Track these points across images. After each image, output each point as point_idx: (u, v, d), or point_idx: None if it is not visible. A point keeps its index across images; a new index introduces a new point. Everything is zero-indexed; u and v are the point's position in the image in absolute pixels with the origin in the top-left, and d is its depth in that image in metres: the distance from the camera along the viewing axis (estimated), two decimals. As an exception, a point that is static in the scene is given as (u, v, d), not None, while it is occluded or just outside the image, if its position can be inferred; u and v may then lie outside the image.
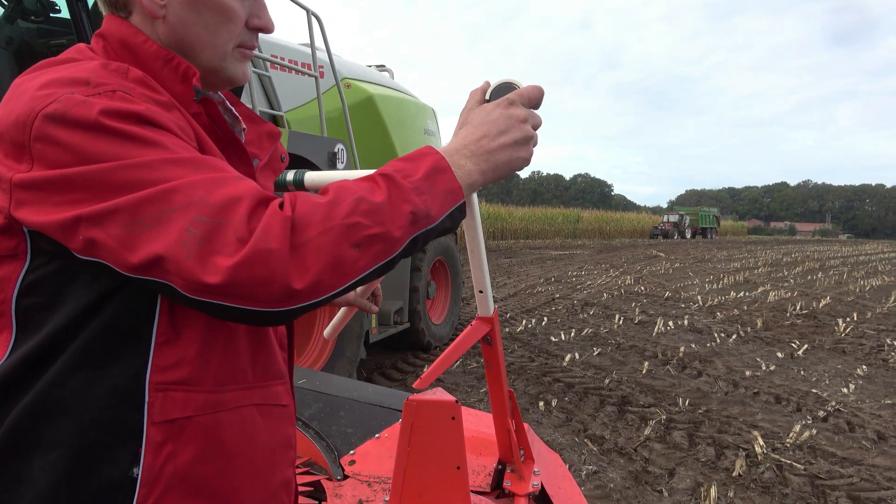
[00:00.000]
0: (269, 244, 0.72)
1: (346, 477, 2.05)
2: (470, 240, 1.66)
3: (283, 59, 4.74)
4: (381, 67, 7.18)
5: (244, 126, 1.06)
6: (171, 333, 0.83)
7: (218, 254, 0.71)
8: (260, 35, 3.06)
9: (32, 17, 3.96)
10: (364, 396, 2.38)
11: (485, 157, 0.89)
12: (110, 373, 0.82)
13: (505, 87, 0.97)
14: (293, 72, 4.75)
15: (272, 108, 4.67)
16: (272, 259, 0.72)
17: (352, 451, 2.17)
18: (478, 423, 2.27)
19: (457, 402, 1.70)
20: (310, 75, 4.65)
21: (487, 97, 0.98)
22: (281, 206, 0.76)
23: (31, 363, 0.81)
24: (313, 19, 4.54)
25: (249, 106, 3.98)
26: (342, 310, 1.71)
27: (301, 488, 2.01)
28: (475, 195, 1.60)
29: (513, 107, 0.93)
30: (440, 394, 1.79)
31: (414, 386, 1.85)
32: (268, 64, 4.54)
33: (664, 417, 4.61)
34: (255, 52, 4.33)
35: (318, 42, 4.81)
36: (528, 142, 0.93)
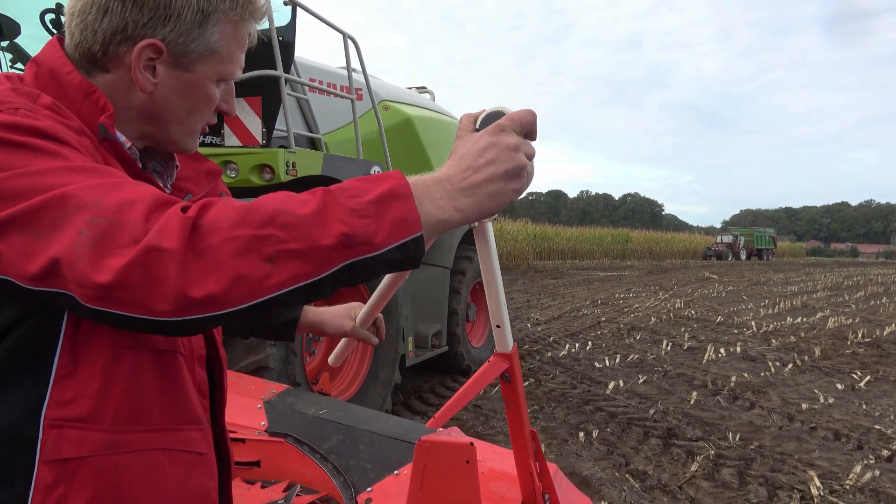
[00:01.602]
0: (162, 243, 0.66)
1: (360, 517, 1.96)
2: (485, 271, 1.55)
3: (321, 82, 4.76)
4: (421, 89, 7.18)
5: (177, 164, 1.07)
6: (72, 366, 0.80)
7: (110, 254, 0.67)
8: (298, 59, 3.03)
9: None
10: (385, 429, 2.28)
11: (468, 192, 0.79)
12: (5, 406, 0.78)
13: (496, 116, 0.88)
14: (330, 95, 4.76)
15: (310, 131, 4.69)
16: (165, 259, 0.66)
17: (369, 489, 2.08)
18: (502, 462, 2.15)
19: (472, 444, 1.60)
20: (346, 98, 4.65)
21: (477, 126, 0.89)
22: (185, 210, 0.70)
23: None
24: (349, 42, 4.55)
25: (283, 129, 4.01)
26: (343, 339, 1.64)
27: (315, 528, 1.93)
28: (489, 222, 1.51)
29: (503, 134, 0.82)
30: (455, 434, 1.69)
31: (427, 426, 1.75)
32: (306, 88, 4.56)
33: (713, 453, 4.36)
34: (293, 76, 4.37)
35: (355, 65, 4.81)
36: (520, 173, 0.82)
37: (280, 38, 3.78)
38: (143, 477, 0.84)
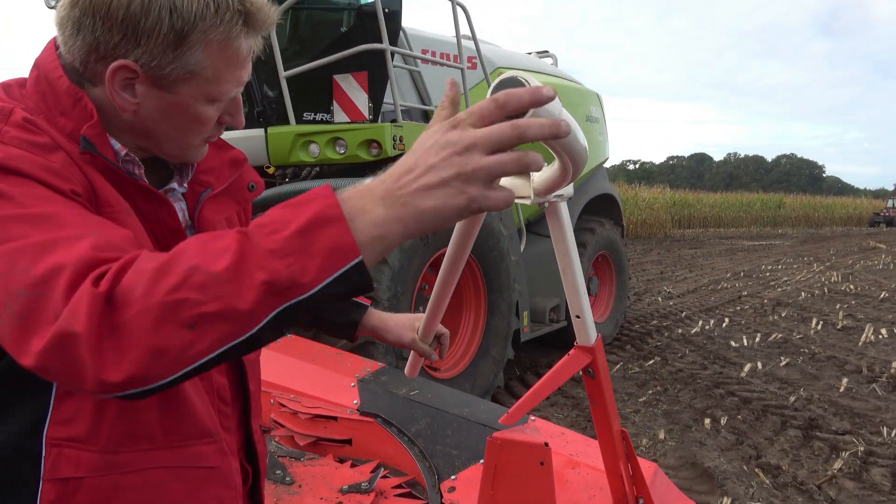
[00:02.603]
0: (73, 326, 0.61)
1: (442, 506, 1.91)
2: (560, 256, 1.40)
3: (433, 53, 4.68)
4: (542, 54, 6.91)
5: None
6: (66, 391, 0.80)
7: (33, 333, 0.63)
8: (410, 30, 2.92)
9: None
10: (475, 415, 2.21)
11: (403, 201, 0.65)
12: (9, 425, 0.81)
13: (507, 84, 0.74)
14: (439, 65, 4.67)
15: (423, 104, 4.64)
16: (77, 344, 0.61)
17: (453, 476, 2.02)
18: (596, 458, 1.99)
19: (546, 445, 1.47)
20: (456, 67, 4.54)
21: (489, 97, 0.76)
22: (101, 278, 0.63)
23: None
24: (458, 10, 4.41)
25: (390, 102, 3.98)
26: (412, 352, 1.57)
27: (396, 513, 1.90)
28: (564, 204, 1.36)
29: (454, 130, 0.66)
30: (530, 432, 1.57)
31: (500, 422, 1.65)
32: (417, 59, 4.50)
33: (862, 449, 3.88)
34: (402, 48, 4.33)
35: (467, 32, 4.68)
36: (467, 182, 0.65)
37: (385, 10, 3.73)
38: (144, 496, 0.84)
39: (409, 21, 4.35)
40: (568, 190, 1.29)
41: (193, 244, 0.66)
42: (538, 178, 1.22)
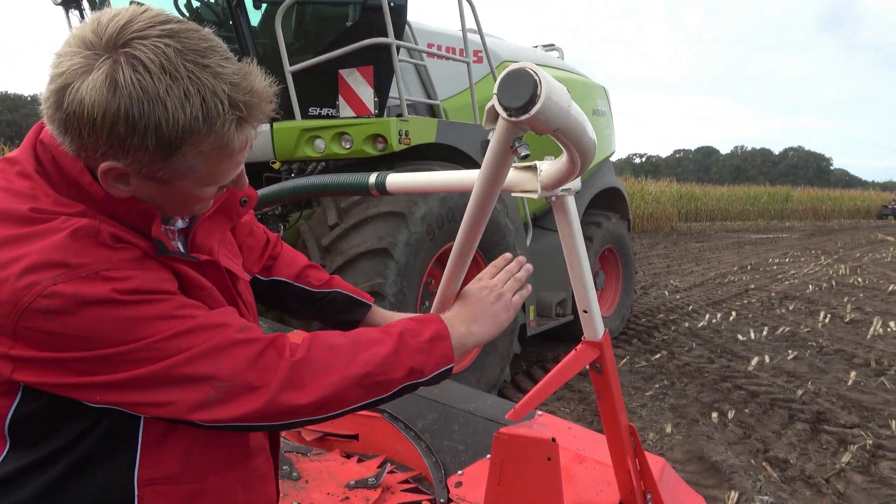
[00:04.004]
0: (276, 393, 0.91)
1: (449, 500, 1.90)
2: (568, 252, 1.40)
3: (438, 47, 4.66)
4: (549, 47, 6.88)
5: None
6: (158, 436, 0.94)
7: (236, 406, 0.89)
8: (416, 24, 3.51)
9: (212, 27, 4.25)
10: (481, 410, 2.21)
11: (476, 323, 1.19)
12: (103, 473, 0.92)
13: (515, 75, 0.74)
14: (445, 59, 4.65)
15: (429, 98, 4.63)
16: (276, 402, 0.91)
17: (460, 472, 2.02)
18: (603, 453, 1.99)
19: (553, 440, 1.47)
20: (462, 61, 4.52)
21: (497, 90, 0.76)
22: (292, 350, 0.95)
23: (26, 471, 0.91)
24: (464, 3, 4.39)
25: (395, 96, 3.97)
26: None
27: (403, 508, 1.90)
28: (571, 198, 1.35)
29: (493, 291, 1.28)
30: (537, 427, 1.56)
31: (507, 417, 1.64)
32: (423, 53, 4.48)
33: (870, 442, 3.87)
34: (407, 42, 4.31)
35: (473, 26, 4.66)
36: (506, 308, 1.27)
37: (391, 4, 3.72)
38: None
39: (414, 15, 4.34)
40: (575, 184, 1.28)
41: (362, 335, 1.02)
42: (545, 171, 1.21)
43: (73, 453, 0.91)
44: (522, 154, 0.88)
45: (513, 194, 1.28)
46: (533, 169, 1.24)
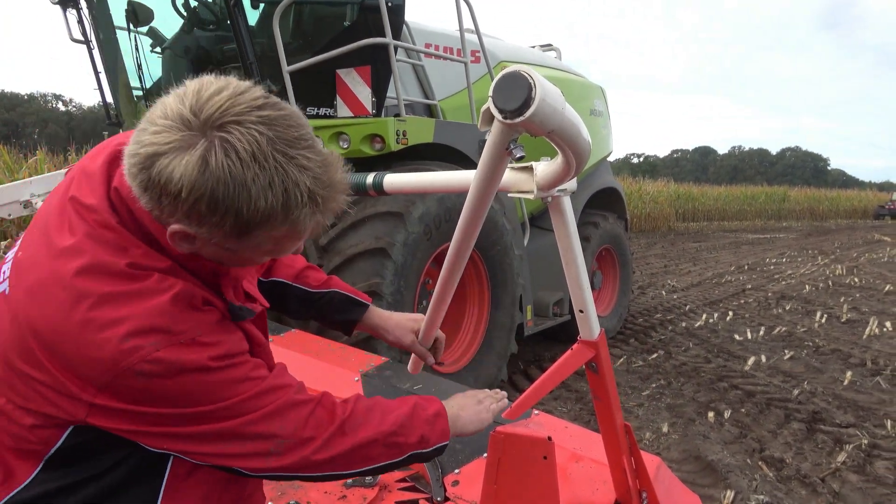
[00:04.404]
0: (320, 449, 1.06)
1: (446, 499, 1.91)
2: (564, 252, 1.41)
3: (436, 47, 4.67)
4: (546, 47, 6.89)
5: None
6: (184, 472, 1.01)
7: (285, 458, 1.02)
8: (414, 24, 3.69)
9: (210, 27, 4.26)
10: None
11: (465, 412, 1.39)
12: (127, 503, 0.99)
13: (510, 77, 0.76)
14: (443, 59, 4.65)
15: (426, 98, 4.63)
16: (316, 454, 1.06)
17: (457, 470, 2.03)
18: (599, 452, 2.00)
19: (549, 439, 1.48)
20: (459, 61, 4.53)
21: (492, 92, 0.77)
22: (334, 406, 1.11)
23: (50, 496, 0.95)
24: (462, 3, 4.40)
25: (393, 96, 3.97)
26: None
27: (400, 507, 1.91)
28: (567, 199, 1.36)
29: (475, 397, 1.48)
30: (534, 426, 1.57)
31: (503, 416, 1.65)
32: (420, 53, 4.49)
33: (866, 442, 3.89)
34: (405, 42, 4.31)
35: (470, 26, 4.66)
36: (486, 411, 1.45)
37: (389, 4, 3.72)
38: None
39: (412, 15, 4.34)
40: (571, 184, 1.29)
41: (388, 401, 1.21)
42: (541, 172, 1.22)
43: (101, 482, 0.95)
44: (518, 156, 0.89)
45: (509, 195, 1.29)
46: (529, 170, 1.25)
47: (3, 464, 0.96)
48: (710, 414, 4.35)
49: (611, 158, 7.27)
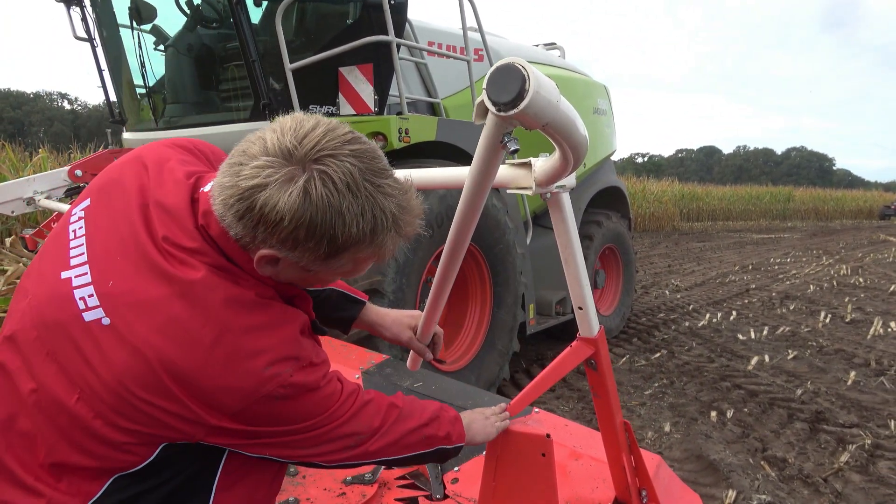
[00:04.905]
0: (383, 438, 1.21)
1: (445, 496, 1.91)
2: (563, 249, 1.40)
3: (439, 45, 4.66)
4: (550, 46, 6.88)
5: None
6: (230, 484, 1.08)
7: (362, 450, 1.18)
8: (417, 22, 3.73)
9: (213, 25, 4.27)
10: (478, 406, 2.20)
11: (474, 425, 1.44)
12: None
13: (504, 68, 0.75)
14: (446, 57, 4.65)
15: (429, 96, 4.63)
16: (385, 443, 1.21)
17: (456, 468, 2.03)
18: (599, 450, 1.99)
19: (548, 436, 1.47)
20: (462, 59, 4.52)
21: (486, 85, 0.77)
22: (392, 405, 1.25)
23: (124, 502, 1.02)
24: (465, 1, 4.39)
25: (396, 94, 3.97)
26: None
27: (399, 504, 1.91)
28: (566, 195, 1.35)
29: (483, 414, 1.52)
30: (533, 423, 1.57)
31: (502, 412, 1.64)
32: (423, 52, 4.49)
33: (869, 442, 3.87)
34: (408, 40, 4.31)
35: (474, 24, 4.66)
36: (492, 426, 1.49)
37: (391, 2, 3.72)
38: None
39: (415, 13, 4.34)
40: (570, 180, 1.29)
41: (420, 401, 1.32)
42: (539, 168, 1.22)
43: (164, 489, 1.02)
44: (512, 149, 0.89)
45: (508, 191, 1.29)
46: (527, 166, 1.25)
47: (74, 481, 1.00)
48: (713, 413, 4.33)
49: (615, 158, 7.26)
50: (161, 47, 4.45)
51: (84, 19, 4.41)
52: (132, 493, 1.00)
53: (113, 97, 4.79)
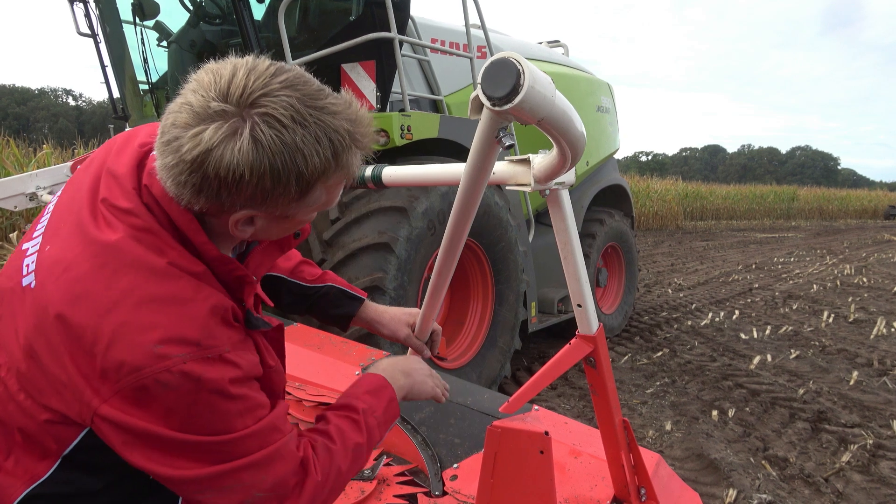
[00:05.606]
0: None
1: (444, 493, 1.91)
2: (562, 246, 1.40)
3: (442, 42, 4.66)
4: (553, 43, 6.86)
5: None
6: None
7: None
8: (420, 19, 3.73)
9: (216, 21, 4.26)
10: (478, 403, 2.21)
11: (410, 379, 1.35)
12: None
13: (499, 65, 0.75)
14: (449, 54, 4.64)
15: (432, 93, 4.62)
16: None
17: (456, 465, 2.02)
18: (598, 448, 1.99)
19: (546, 433, 1.47)
20: (465, 56, 4.51)
21: (480, 79, 0.76)
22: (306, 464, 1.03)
23: (71, 497, 0.95)
24: (468, -1, 4.38)
25: (398, 91, 3.97)
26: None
27: (398, 501, 1.91)
28: (566, 192, 1.35)
29: (428, 372, 1.45)
30: (531, 421, 1.57)
31: (500, 410, 1.65)
32: (426, 49, 4.48)
33: (870, 442, 3.86)
34: (410, 37, 4.30)
35: (477, 21, 4.65)
36: (430, 387, 1.45)
37: (394, -1, 3.71)
38: None
39: (417, 10, 4.33)
40: (569, 177, 1.28)
41: (344, 433, 1.12)
42: (538, 165, 1.21)
43: (119, 490, 0.96)
44: (507, 144, 0.88)
45: (507, 187, 1.28)
46: (526, 162, 1.24)
47: (21, 459, 0.96)
48: (714, 412, 4.33)
49: (618, 156, 7.25)
50: (164, 43, 4.45)
51: (88, 15, 4.42)
52: (89, 488, 0.95)
53: (116, 93, 4.80)
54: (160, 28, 4.43)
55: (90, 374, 0.87)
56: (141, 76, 4.55)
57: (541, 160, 1.18)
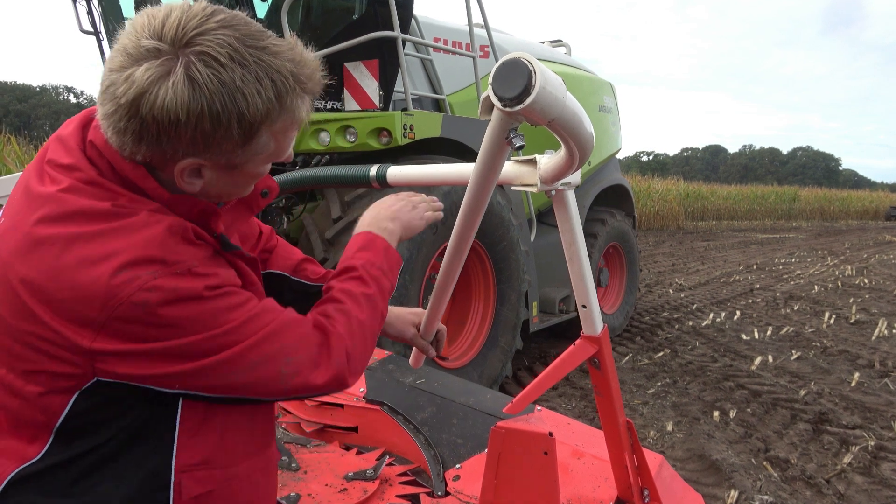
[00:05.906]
0: (340, 371, 1.03)
1: (447, 494, 1.91)
2: (567, 247, 1.40)
3: (445, 41, 4.65)
4: (556, 43, 6.86)
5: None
6: (194, 428, 0.98)
7: (309, 376, 0.99)
8: (423, 18, 3.73)
9: None
10: (480, 404, 2.21)
11: (397, 221, 1.32)
12: (142, 462, 0.95)
13: (511, 64, 0.75)
14: (452, 53, 4.64)
15: (435, 92, 4.62)
16: (343, 374, 1.04)
17: (458, 465, 2.02)
18: (601, 448, 1.99)
19: (550, 434, 1.47)
20: (468, 56, 4.51)
21: (491, 80, 0.76)
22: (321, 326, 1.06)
23: (67, 463, 0.93)
24: (471, -3, 4.37)
25: (401, 90, 3.96)
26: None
27: (400, 501, 1.91)
28: (571, 193, 1.34)
29: (409, 202, 1.38)
30: (535, 422, 1.56)
31: (504, 411, 1.64)
32: (429, 48, 4.47)
33: (872, 444, 3.85)
34: (413, 36, 4.30)
35: (480, 20, 4.64)
36: (419, 218, 1.37)
37: (397, -2, 3.71)
38: (251, 494, 1.06)
39: (420, 9, 4.33)
40: (575, 178, 1.28)
41: (353, 294, 1.13)
42: (545, 165, 1.21)
43: (113, 444, 0.93)
44: (517, 145, 0.88)
45: (512, 187, 1.28)
46: (532, 162, 1.24)
47: (12, 445, 0.94)
48: (716, 413, 4.32)
49: (620, 156, 7.25)
50: (112, 18, 4.42)
51: (90, 12, 4.41)
52: (79, 451, 0.93)
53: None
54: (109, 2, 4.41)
55: (67, 321, 0.85)
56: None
57: (547, 161, 1.18)
